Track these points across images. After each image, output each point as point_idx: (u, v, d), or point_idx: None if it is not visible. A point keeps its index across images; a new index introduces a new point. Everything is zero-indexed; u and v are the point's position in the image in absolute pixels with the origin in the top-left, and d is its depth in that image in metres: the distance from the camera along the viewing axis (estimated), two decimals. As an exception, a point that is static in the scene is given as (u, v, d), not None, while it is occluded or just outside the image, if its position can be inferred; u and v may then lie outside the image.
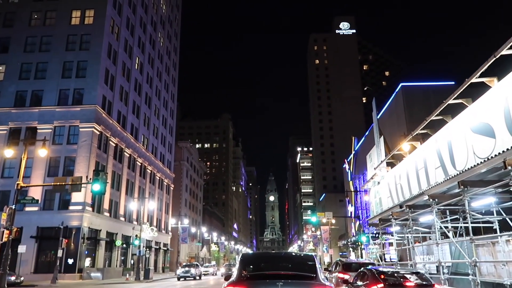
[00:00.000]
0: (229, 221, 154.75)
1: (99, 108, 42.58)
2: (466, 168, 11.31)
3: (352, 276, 15.54)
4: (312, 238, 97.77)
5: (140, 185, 56.08)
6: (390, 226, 18.69)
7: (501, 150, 9.65)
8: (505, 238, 11.70)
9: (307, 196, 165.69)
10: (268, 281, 6.68)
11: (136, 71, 56.17)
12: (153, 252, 60.42)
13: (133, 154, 53.50)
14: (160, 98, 67.70)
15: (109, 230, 44.70)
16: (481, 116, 11.35)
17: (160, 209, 65.71)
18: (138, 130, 56.05)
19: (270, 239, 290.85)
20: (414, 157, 17.27)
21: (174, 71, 77.57)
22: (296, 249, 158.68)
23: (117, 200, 47.98)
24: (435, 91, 41.81)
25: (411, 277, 11.26)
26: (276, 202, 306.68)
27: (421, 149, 16.55)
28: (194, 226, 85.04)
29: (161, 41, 69.28)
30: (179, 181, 79.78)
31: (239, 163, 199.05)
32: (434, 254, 16.73)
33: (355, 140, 66.88)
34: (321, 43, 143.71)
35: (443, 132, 14.15)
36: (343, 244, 62.85)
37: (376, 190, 23.42)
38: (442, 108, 14.01)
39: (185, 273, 41.16)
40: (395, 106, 44.16)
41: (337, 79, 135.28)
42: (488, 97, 11.20)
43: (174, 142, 77.15)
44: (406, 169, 17.83)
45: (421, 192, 14.28)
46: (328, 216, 56.98)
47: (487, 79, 11.43)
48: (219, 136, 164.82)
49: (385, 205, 20.55)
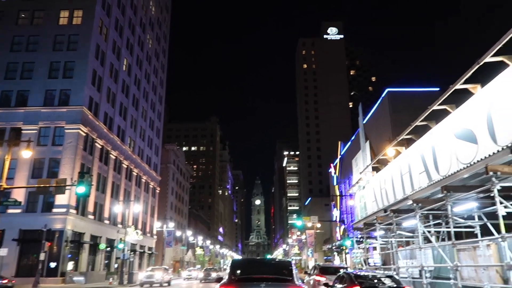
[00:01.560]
0: (214, 225, 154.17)
1: (85, 109, 42.18)
2: (449, 173, 11.61)
3: (328, 279, 18.20)
4: (297, 242, 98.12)
5: (125, 188, 55.60)
6: (374, 230, 18.97)
7: (483, 156, 9.94)
8: (485, 242, 12.02)
9: (293, 200, 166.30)
10: (254, 283, 8.10)
11: (124, 72, 55.82)
12: (138, 256, 59.88)
13: (119, 157, 53.05)
14: (147, 100, 67.35)
15: (93, 233, 44.19)
16: (464, 122, 11.67)
17: (146, 212, 65.19)
18: (125, 132, 55.63)
19: (255, 243, 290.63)
20: (399, 162, 17.59)
21: (162, 73, 77.29)
22: (281, 253, 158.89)
23: (102, 203, 47.49)
24: (420, 97, 42.47)
25: (385, 280, 12.58)
26: (262, 206, 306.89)
27: (406, 154, 16.87)
28: (179, 229, 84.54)
29: (150, 43, 69.02)
30: (165, 184, 79.32)
31: (226, 166, 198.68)
32: (417, 259, 17.03)
33: (341, 145, 67.50)
34: (309, 48, 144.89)
35: (427, 137, 14.47)
36: (328, 248, 63.28)
37: (361, 194, 23.72)
38: (426, 114, 14.32)
39: (148, 278, 35.35)
40: (381, 111, 44.79)
41: (325, 83, 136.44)
42: (471, 104, 11.51)
43: (161, 144, 76.76)
44: (391, 174, 18.14)
45: (405, 197, 14.56)
46: (314, 220, 57.29)
47: (470, 86, 11.78)
48: (206, 139, 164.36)
49: (370, 209, 20.83)
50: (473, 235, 12.72)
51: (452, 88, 12.15)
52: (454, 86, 12.02)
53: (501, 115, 10.17)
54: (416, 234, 18.52)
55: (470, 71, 11.11)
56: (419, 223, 13.09)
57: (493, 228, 12.04)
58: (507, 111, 9.94)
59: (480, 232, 12.64)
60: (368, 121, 51.16)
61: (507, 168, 9.61)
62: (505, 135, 9.90)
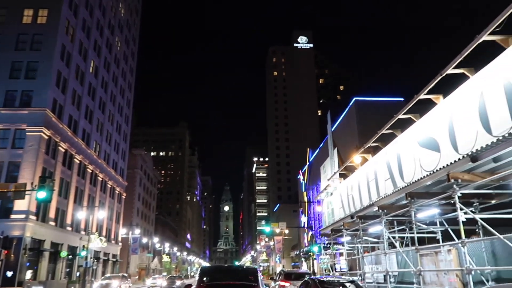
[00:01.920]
0: (182, 231, 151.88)
1: (48, 111, 40.68)
2: (413, 180, 11.95)
3: (292, 284, 19.75)
4: (265, 248, 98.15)
5: (90, 193, 53.90)
6: (341, 236, 19.22)
7: (445, 164, 10.29)
8: (447, 248, 12.42)
9: (262, 206, 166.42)
10: (221, 286, 8.71)
11: (91, 74, 54.35)
12: (101, 264, 58.01)
13: (84, 161, 51.43)
14: (115, 104, 65.80)
15: (54, 240, 42.44)
16: (427, 131, 12.07)
17: (111, 219, 63.39)
18: (90, 136, 54.04)
19: (223, 250, 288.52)
20: (366, 169, 17.96)
21: (130, 76, 75.83)
22: (249, 260, 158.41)
23: (64, 209, 45.78)
24: (385, 106, 43.78)
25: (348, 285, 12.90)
26: (231, 212, 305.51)
27: (372, 162, 17.25)
28: (146, 236, 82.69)
29: (119, 45, 67.63)
30: (132, 190, 77.51)
31: (194, 172, 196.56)
32: (382, 264, 17.38)
33: (310, 152, 68.36)
34: (279, 56, 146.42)
35: (393, 145, 14.87)
36: (295, 254, 63.63)
37: (329, 200, 24.03)
38: (392, 122, 14.71)
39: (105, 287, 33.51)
40: (348, 119, 45.74)
41: (294, 91, 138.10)
42: (434, 113, 11.94)
43: (128, 149, 75.06)
44: (358, 181, 18.48)
45: (371, 203, 14.86)
46: (282, 227, 57.54)
47: (433, 96, 12.22)
48: (175, 144, 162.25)
49: (337, 215, 21.11)
50: (435, 241, 13.12)
51: (416, 98, 12.56)
52: (418, 96, 12.42)
53: (462, 124, 10.56)
54: (381, 240, 18.92)
55: (433, 82, 11.52)
56: (384, 229, 13.37)
57: (453, 233, 12.45)
58: (467, 120, 10.34)
59: (442, 238, 13.05)
60: (336, 128, 52.08)
61: (467, 176, 9.97)
62: (466, 143, 10.28)
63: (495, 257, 11.49)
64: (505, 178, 9.89)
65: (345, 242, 18.14)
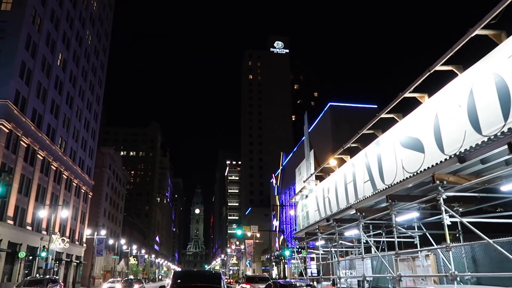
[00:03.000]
0: (151, 234, 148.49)
1: (10, 103, 38.36)
2: (394, 182, 11.38)
3: (252, 286, 22.52)
4: (236, 252, 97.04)
5: (53, 192, 51.36)
6: (316, 240, 18.56)
7: (430, 165, 9.77)
8: (425, 253, 11.93)
9: (233, 209, 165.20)
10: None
11: (59, 67, 51.97)
12: (63, 265, 55.36)
13: (48, 157, 48.95)
14: (83, 99, 63.30)
15: (12, 240, 39.91)
16: (411, 131, 11.57)
17: (75, 218, 60.74)
18: (56, 132, 51.56)
19: (193, 253, 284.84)
20: (344, 171, 17.40)
21: (101, 72, 73.32)
22: (219, 263, 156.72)
23: (24, 207, 43.27)
24: (360, 112, 44.14)
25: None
26: (201, 215, 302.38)
27: (351, 163, 16.73)
28: (112, 237, 79.98)
29: (89, 39, 65.24)
30: (99, 189, 74.73)
31: (165, 173, 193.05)
32: (357, 269, 16.83)
33: (283, 155, 68.07)
34: (255, 60, 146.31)
35: (373, 146, 14.35)
36: (266, 258, 62.88)
37: (303, 203, 23.35)
38: (374, 122, 14.17)
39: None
40: (323, 124, 45.65)
41: (269, 96, 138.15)
42: (419, 113, 11.45)
43: (96, 147, 72.38)
44: (335, 183, 17.90)
45: (348, 206, 14.24)
46: (254, 230, 56.72)
47: (418, 95, 11.73)
48: (146, 144, 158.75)
49: (312, 218, 20.44)
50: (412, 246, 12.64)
51: (401, 96, 12.06)
52: (403, 94, 11.93)
53: (449, 124, 10.08)
54: (356, 244, 18.39)
55: (420, 79, 11.03)
56: (362, 233, 12.79)
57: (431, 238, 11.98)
58: (454, 120, 9.86)
59: (419, 243, 12.59)
60: (311, 132, 51.92)
61: (452, 178, 9.48)
62: (453, 143, 9.79)
63: (476, 263, 11.10)
64: (491, 181, 9.47)
65: (320, 246, 17.47)
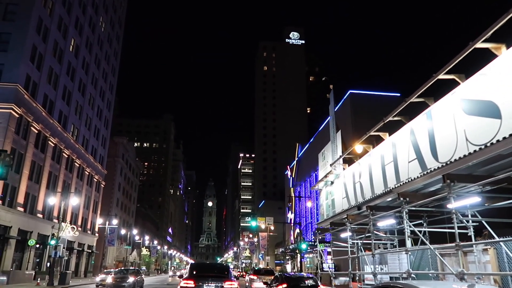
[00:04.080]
0: (164, 225, 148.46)
1: (20, 87, 37.38)
2: (453, 160, 9.50)
3: (258, 277, 26.41)
4: (249, 244, 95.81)
5: (65, 180, 50.61)
6: (343, 231, 16.76)
7: (508, 134, 7.80)
8: (481, 246, 10.12)
9: (246, 202, 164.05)
10: (204, 277, 12.35)
11: (71, 53, 50.96)
12: (75, 255, 54.81)
13: (59, 145, 48.11)
14: (96, 87, 62.35)
15: (22, 227, 39.20)
16: (480, 93, 9.39)
17: (87, 208, 60.10)
18: (68, 119, 50.68)
19: (205, 245, 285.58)
20: (380, 151, 15.33)
21: (115, 60, 72.31)
22: (232, 256, 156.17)
23: (35, 194, 42.53)
24: (380, 100, 41.98)
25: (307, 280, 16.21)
26: (214, 208, 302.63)
27: (390, 142, 14.58)
28: (125, 228, 79.47)
29: (103, 26, 64.15)
30: (111, 179, 74.05)
31: (178, 165, 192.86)
32: (389, 264, 15.09)
33: (299, 147, 66.16)
34: (270, 51, 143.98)
35: (422, 119, 12.07)
36: (281, 251, 61.25)
37: (328, 190, 21.50)
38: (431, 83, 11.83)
39: None
40: (343, 112, 43.61)
41: (284, 87, 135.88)
42: (495, 68, 9.26)
43: (109, 136, 71.58)
44: (368, 165, 15.99)
45: (387, 190, 12.41)
46: (269, 221, 55.01)
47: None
48: (159, 136, 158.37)
49: (339, 207, 18.59)
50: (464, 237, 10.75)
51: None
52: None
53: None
54: (388, 236, 16.58)
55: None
56: (406, 221, 10.95)
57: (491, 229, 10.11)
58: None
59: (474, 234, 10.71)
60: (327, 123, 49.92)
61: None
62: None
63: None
64: None
65: (348, 237, 15.61)
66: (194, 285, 11.99)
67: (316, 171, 54.26)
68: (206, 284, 11.97)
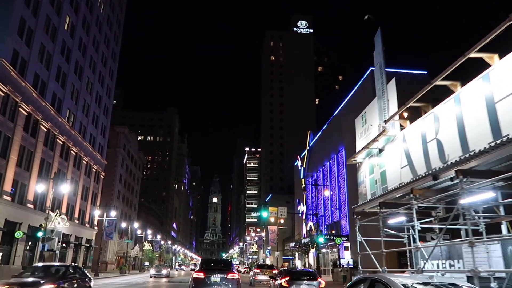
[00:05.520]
0: (168, 220, 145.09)
1: (5, 62, 33.56)
2: None
3: (261, 271, 31.74)
4: (256, 239, 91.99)
5: (60, 168, 46.90)
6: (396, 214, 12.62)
7: None
8: None
9: (252, 197, 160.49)
10: (211, 269, 15.60)
11: (66, 32, 47.11)
12: (72, 249, 51.21)
13: (53, 130, 44.40)
14: (95, 72, 58.54)
15: (9, 218, 35.53)
16: None
17: (85, 199, 56.47)
18: (62, 102, 46.93)
19: (210, 241, 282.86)
20: (478, 89, 10.73)
21: (115, 45, 68.44)
22: (237, 251, 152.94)
23: (25, 182, 38.86)
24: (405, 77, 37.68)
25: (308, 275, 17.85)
26: (219, 203, 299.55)
27: (500, 67, 10.09)
28: (127, 221, 75.91)
29: (102, 7, 60.30)
30: (112, 170, 70.41)
31: (183, 160, 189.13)
32: (464, 259, 11.05)
33: (311, 135, 62.07)
34: (277, 40, 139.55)
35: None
36: (292, 246, 57.19)
37: (374, 163, 17.21)
38: None
39: None
40: (363, 91, 39.54)
41: (291, 78, 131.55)
42: None
43: (109, 125, 67.87)
44: (454, 113, 11.47)
45: (501, 142, 8.20)
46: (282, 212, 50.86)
47: None
48: (163, 129, 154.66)
49: (395, 180, 14.22)
50: None
51: None
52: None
53: None
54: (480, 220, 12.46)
55: None
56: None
57: None
58: None
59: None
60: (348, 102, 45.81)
61: None
62: None
63: None
64: None
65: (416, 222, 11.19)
66: (204, 276, 14.77)
67: (331, 159, 50.19)
68: (214, 275, 14.76)
